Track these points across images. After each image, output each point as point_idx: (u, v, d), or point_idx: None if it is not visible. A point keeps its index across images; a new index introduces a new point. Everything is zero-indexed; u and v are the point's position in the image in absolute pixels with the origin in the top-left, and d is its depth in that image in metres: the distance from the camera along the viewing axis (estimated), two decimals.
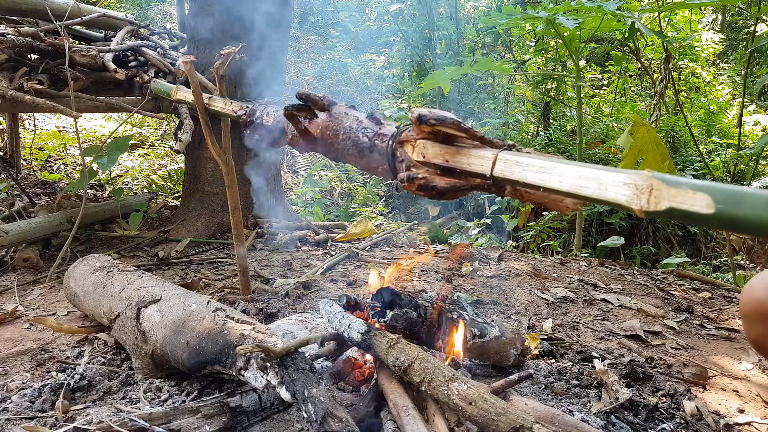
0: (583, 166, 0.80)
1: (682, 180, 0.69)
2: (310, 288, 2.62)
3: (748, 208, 0.62)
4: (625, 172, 0.74)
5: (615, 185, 0.74)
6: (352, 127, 1.29)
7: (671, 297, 2.95)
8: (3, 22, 3.37)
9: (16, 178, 4.38)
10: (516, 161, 0.89)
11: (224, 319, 1.50)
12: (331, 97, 1.39)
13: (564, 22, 3.48)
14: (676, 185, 0.68)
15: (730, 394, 1.85)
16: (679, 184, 0.68)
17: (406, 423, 1.25)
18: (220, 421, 1.36)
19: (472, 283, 2.88)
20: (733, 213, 0.63)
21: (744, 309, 0.87)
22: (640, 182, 0.71)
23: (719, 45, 8.33)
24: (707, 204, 0.65)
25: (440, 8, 8.32)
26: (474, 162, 0.96)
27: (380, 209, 6.36)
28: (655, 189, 0.70)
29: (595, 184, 0.77)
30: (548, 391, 1.71)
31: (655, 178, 0.70)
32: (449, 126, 0.99)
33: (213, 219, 3.58)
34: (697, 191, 0.66)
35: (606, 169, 0.77)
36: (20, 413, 1.47)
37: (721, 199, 0.64)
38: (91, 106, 3.37)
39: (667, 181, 0.69)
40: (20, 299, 2.45)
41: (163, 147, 7.00)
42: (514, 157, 0.89)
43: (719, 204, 0.64)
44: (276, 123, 1.57)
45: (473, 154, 0.97)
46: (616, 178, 0.74)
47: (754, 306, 0.84)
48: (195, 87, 1.91)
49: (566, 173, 0.81)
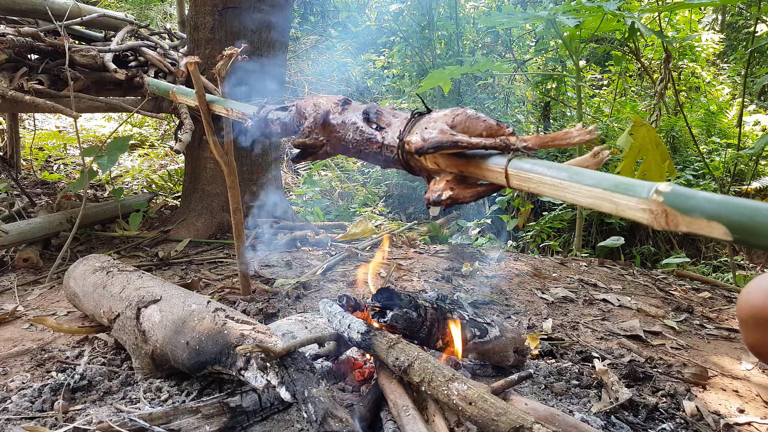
0: (594, 184, 0.81)
1: (695, 206, 0.67)
2: (310, 288, 2.62)
3: (764, 237, 0.62)
4: (636, 194, 0.75)
5: (631, 209, 0.75)
6: (357, 139, 1.27)
7: (671, 297, 2.95)
8: (3, 22, 3.37)
9: (16, 178, 4.38)
10: (528, 177, 0.91)
11: (224, 319, 1.50)
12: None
13: (564, 22, 3.48)
14: (689, 213, 0.68)
15: (730, 394, 1.85)
16: (692, 212, 0.68)
17: (406, 423, 1.25)
18: (220, 421, 1.36)
19: (472, 283, 2.88)
20: (752, 241, 0.64)
21: (741, 314, 0.85)
22: (654, 208, 0.72)
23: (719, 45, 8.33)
24: (724, 232, 0.65)
25: (440, 8, 8.31)
26: (488, 176, 0.98)
27: (380, 209, 6.36)
28: (670, 215, 0.70)
29: (611, 206, 0.78)
30: (548, 391, 1.71)
31: (667, 205, 0.70)
32: (448, 149, 1.01)
33: (213, 219, 3.58)
34: (712, 221, 0.66)
35: (618, 186, 0.78)
36: (20, 413, 1.47)
37: (737, 229, 0.64)
38: (91, 106, 3.37)
39: (680, 208, 0.69)
40: (20, 299, 2.45)
41: (163, 147, 7.00)
42: (525, 172, 0.91)
43: (737, 234, 0.65)
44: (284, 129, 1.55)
45: (483, 167, 0.99)
46: (631, 202, 0.75)
47: (752, 311, 0.83)
48: (199, 89, 1.89)
49: (580, 192, 0.82)
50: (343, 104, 1.34)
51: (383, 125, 1.22)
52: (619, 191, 0.77)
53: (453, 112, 1.07)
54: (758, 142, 3.79)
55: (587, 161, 0.88)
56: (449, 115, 1.07)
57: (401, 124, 1.17)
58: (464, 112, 1.06)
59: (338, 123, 1.31)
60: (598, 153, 0.88)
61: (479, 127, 1.03)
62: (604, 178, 0.81)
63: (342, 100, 1.35)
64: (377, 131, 1.22)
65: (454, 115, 1.06)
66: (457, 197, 1.03)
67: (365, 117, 1.25)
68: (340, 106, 1.33)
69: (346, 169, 7.44)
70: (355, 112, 1.30)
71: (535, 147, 0.95)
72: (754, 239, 0.63)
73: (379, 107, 1.26)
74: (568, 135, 0.93)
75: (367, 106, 1.28)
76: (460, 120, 1.05)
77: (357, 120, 1.27)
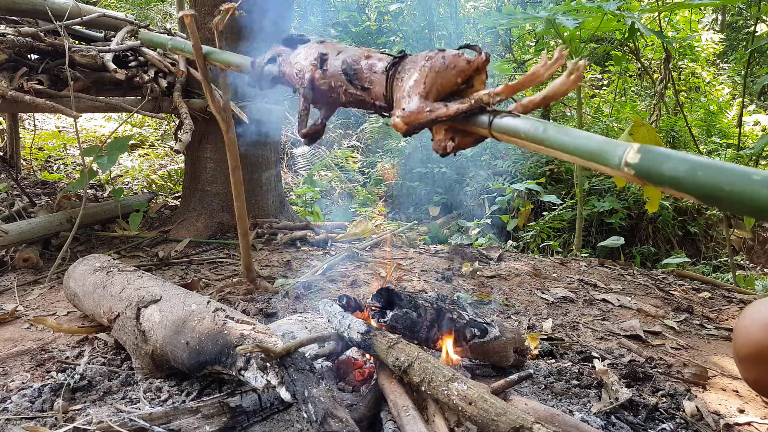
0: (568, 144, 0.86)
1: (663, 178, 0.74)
2: (310, 288, 2.62)
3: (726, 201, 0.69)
4: (608, 164, 0.80)
5: (606, 172, 0.83)
6: (350, 100, 1.24)
7: (671, 297, 2.95)
8: (3, 22, 3.37)
9: (16, 178, 4.38)
10: (509, 137, 0.97)
11: (224, 319, 1.50)
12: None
13: (564, 22, 3.48)
14: (660, 184, 0.76)
15: (730, 394, 1.85)
16: (662, 183, 0.75)
17: (406, 423, 1.25)
18: (220, 422, 1.36)
19: (472, 283, 2.88)
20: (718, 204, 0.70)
21: (742, 352, 0.79)
22: (627, 177, 0.78)
23: (719, 45, 8.33)
24: (693, 199, 0.73)
25: (440, 8, 8.32)
26: (477, 132, 1.04)
27: (380, 209, 6.37)
28: (643, 181, 0.77)
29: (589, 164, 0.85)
30: (548, 391, 1.71)
31: (637, 177, 0.77)
32: (430, 125, 1.07)
33: (213, 219, 3.58)
34: (681, 191, 0.74)
35: (591, 155, 0.82)
36: (20, 413, 1.47)
37: (704, 197, 0.71)
38: (91, 106, 3.37)
39: (650, 179, 0.76)
40: (20, 299, 2.45)
41: (163, 147, 7.00)
42: (505, 134, 0.97)
43: (705, 200, 0.72)
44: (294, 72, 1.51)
45: (470, 128, 1.04)
46: (605, 168, 0.82)
47: (754, 349, 0.77)
48: (195, 41, 1.89)
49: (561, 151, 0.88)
50: (321, 62, 1.27)
51: (367, 85, 1.19)
52: (593, 160, 0.82)
53: (422, 73, 1.06)
54: (758, 142, 3.79)
55: (565, 84, 0.89)
56: (420, 80, 1.06)
57: (382, 86, 1.15)
58: (432, 68, 1.05)
59: (327, 89, 1.28)
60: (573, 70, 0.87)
61: (452, 77, 1.05)
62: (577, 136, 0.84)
63: (318, 57, 1.28)
64: (364, 92, 1.20)
65: (424, 77, 1.05)
66: (459, 145, 1.08)
67: (348, 79, 1.22)
68: (319, 67, 1.27)
69: (346, 169, 7.44)
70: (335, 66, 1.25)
71: (508, 95, 0.97)
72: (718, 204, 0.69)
73: (355, 65, 1.20)
74: (536, 74, 0.93)
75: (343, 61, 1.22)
76: (432, 81, 1.05)
77: (342, 81, 1.23)
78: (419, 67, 1.07)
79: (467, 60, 1.05)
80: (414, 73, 1.08)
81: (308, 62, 1.32)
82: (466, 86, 1.09)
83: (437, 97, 1.07)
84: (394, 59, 1.14)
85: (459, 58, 1.05)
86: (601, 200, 5.68)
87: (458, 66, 1.04)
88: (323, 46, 1.32)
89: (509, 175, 6.46)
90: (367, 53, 1.22)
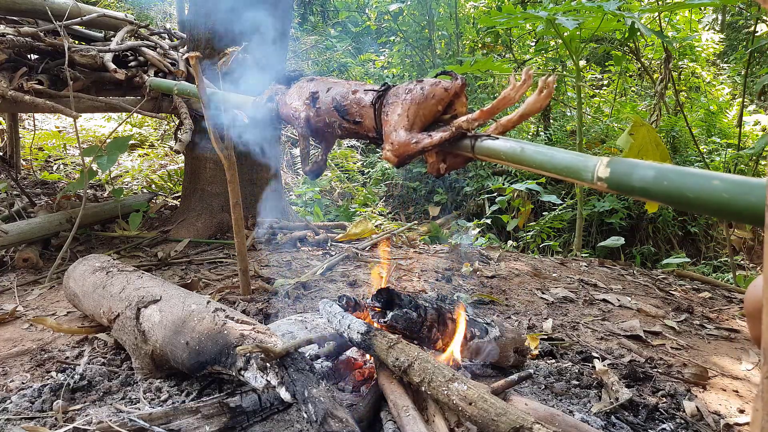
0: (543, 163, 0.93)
1: (633, 189, 0.79)
2: (310, 288, 2.62)
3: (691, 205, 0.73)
4: (582, 178, 0.85)
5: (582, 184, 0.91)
6: (346, 133, 1.31)
7: (671, 297, 2.95)
8: (3, 22, 3.37)
9: (16, 178, 4.37)
10: (490, 159, 1.06)
11: (224, 319, 1.49)
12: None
13: (564, 22, 3.48)
14: (631, 193, 0.82)
15: (730, 395, 1.85)
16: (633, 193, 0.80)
17: (406, 423, 1.25)
18: (220, 422, 1.36)
19: (472, 283, 2.88)
20: (685, 208, 0.75)
21: (748, 306, 0.86)
22: (602, 188, 0.83)
23: (719, 45, 8.33)
24: (660, 206, 0.75)
25: (440, 8, 8.31)
26: (463, 154, 1.13)
27: (380, 209, 6.36)
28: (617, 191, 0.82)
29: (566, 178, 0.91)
30: (548, 392, 1.71)
31: (612, 189, 0.82)
32: (418, 156, 1.16)
33: (213, 219, 3.57)
34: (650, 200, 0.81)
35: (566, 170, 0.88)
36: (20, 413, 1.47)
37: (673, 202, 0.75)
38: (91, 106, 3.37)
39: (623, 190, 0.82)
40: (20, 299, 2.45)
41: (163, 147, 7.00)
42: (487, 155, 1.05)
43: (674, 205, 0.78)
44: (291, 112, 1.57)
45: (457, 152, 1.13)
46: (581, 181, 0.88)
47: (758, 304, 0.83)
48: (200, 83, 1.93)
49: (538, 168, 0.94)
50: (313, 101, 1.34)
51: (358, 119, 1.25)
52: (570, 176, 0.87)
53: (404, 107, 1.12)
54: (758, 142, 3.79)
55: (538, 101, 0.95)
56: (403, 114, 1.12)
57: (371, 120, 1.21)
58: (413, 101, 1.11)
59: (323, 125, 1.34)
60: (543, 87, 0.93)
61: (432, 106, 1.12)
62: (552, 155, 0.90)
63: (309, 96, 1.34)
64: (357, 125, 1.26)
65: (407, 110, 1.12)
66: (451, 166, 1.18)
67: (341, 115, 1.28)
68: (312, 105, 1.34)
69: (346, 169, 7.44)
70: (326, 102, 1.31)
71: (485, 120, 1.04)
72: (688, 208, 0.73)
73: (344, 100, 1.26)
74: (507, 98, 1.02)
75: (333, 98, 1.28)
76: (414, 113, 1.12)
77: (336, 117, 1.30)
78: (401, 101, 1.15)
79: (444, 88, 1.12)
80: (397, 107, 1.14)
81: (301, 102, 1.38)
82: (448, 110, 1.16)
83: (422, 127, 1.14)
84: (377, 93, 1.21)
85: (437, 87, 1.11)
86: (601, 200, 5.68)
87: (437, 95, 1.11)
88: (314, 83, 1.38)
89: (509, 175, 6.46)
90: (353, 88, 1.29)
